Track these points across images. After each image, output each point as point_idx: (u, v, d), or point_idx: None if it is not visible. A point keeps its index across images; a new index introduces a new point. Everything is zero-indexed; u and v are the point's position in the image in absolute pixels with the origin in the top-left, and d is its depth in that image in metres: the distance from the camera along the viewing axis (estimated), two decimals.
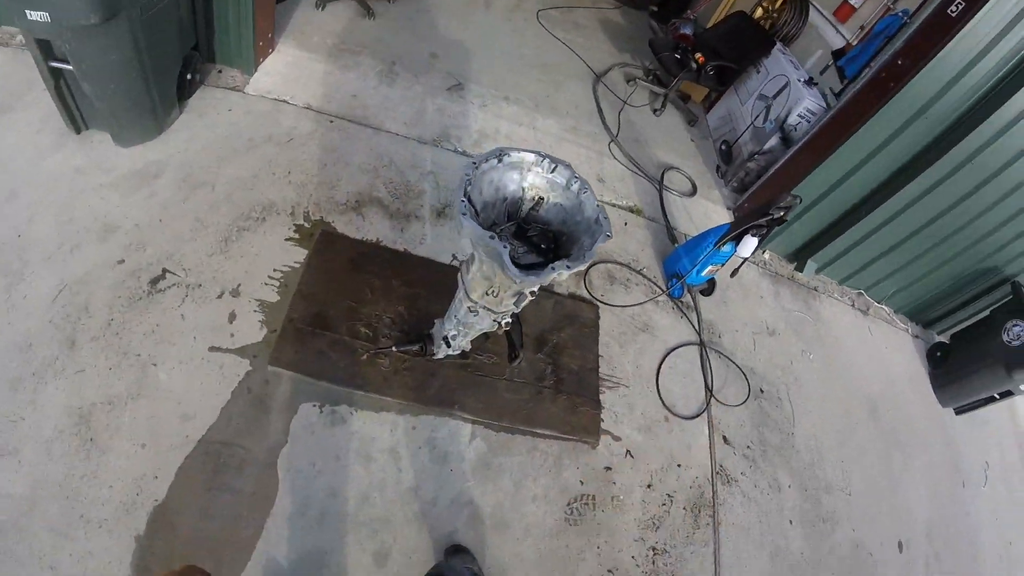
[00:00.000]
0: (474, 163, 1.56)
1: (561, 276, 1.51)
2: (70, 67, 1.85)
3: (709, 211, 3.69)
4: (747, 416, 2.86)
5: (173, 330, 2.00)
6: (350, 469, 2.00)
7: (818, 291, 3.68)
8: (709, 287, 3.15)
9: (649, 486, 2.44)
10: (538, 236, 1.72)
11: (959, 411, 3.54)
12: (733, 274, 2.98)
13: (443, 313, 2.12)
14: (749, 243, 2.69)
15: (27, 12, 1.64)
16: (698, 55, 4.02)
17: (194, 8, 2.29)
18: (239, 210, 2.37)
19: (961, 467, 3.40)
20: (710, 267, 2.92)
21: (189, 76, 2.38)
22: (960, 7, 2.51)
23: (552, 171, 1.69)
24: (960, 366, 3.49)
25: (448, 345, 2.11)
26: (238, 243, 2.28)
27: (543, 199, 1.68)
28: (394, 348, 2.17)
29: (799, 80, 3.57)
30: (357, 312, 2.30)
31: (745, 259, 2.78)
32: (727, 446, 2.72)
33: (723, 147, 4.11)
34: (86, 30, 1.73)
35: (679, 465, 2.55)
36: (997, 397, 3.32)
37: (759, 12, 4.42)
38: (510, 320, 1.98)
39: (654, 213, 3.48)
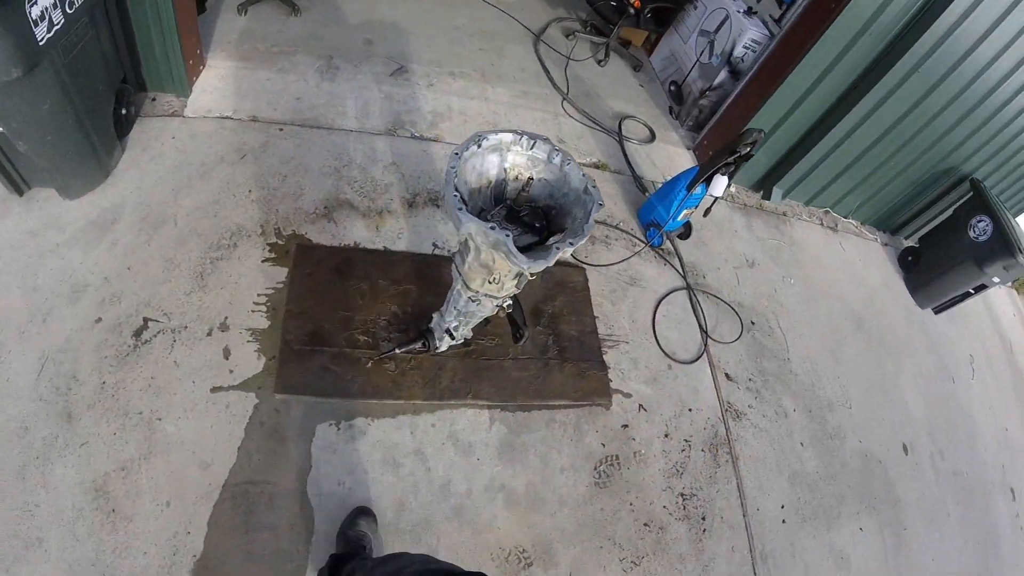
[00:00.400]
0: (456, 153, 1.52)
1: (565, 254, 1.50)
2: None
3: (671, 154, 3.71)
4: (744, 350, 2.95)
5: (170, 379, 1.92)
6: (380, 480, 1.99)
7: (787, 215, 3.78)
8: (686, 231, 3.19)
9: (666, 435, 2.51)
10: (529, 215, 1.69)
11: (938, 310, 3.73)
12: (706, 214, 3.01)
13: (437, 305, 2.10)
14: (720, 182, 2.72)
15: None
16: None
17: (115, 38, 2.11)
18: (208, 240, 2.26)
19: (948, 364, 3.60)
20: (684, 211, 2.95)
21: (124, 111, 2.21)
22: None
23: (531, 148, 1.66)
24: (932, 267, 3.65)
25: (452, 337, 2.10)
26: (214, 275, 2.18)
27: (531, 179, 1.65)
28: (397, 350, 2.14)
29: (738, 11, 3.56)
30: (351, 320, 2.25)
31: (717, 198, 2.82)
32: (731, 382, 2.81)
33: (672, 88, 4.11)
34: (9, 86, 1.58)
35: (690, 409, 2.63)
36: (972, 292, 3.49)
37: None
38: (511, 302, 1.97)
39: (619, 165, 3.47)
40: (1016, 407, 3.81)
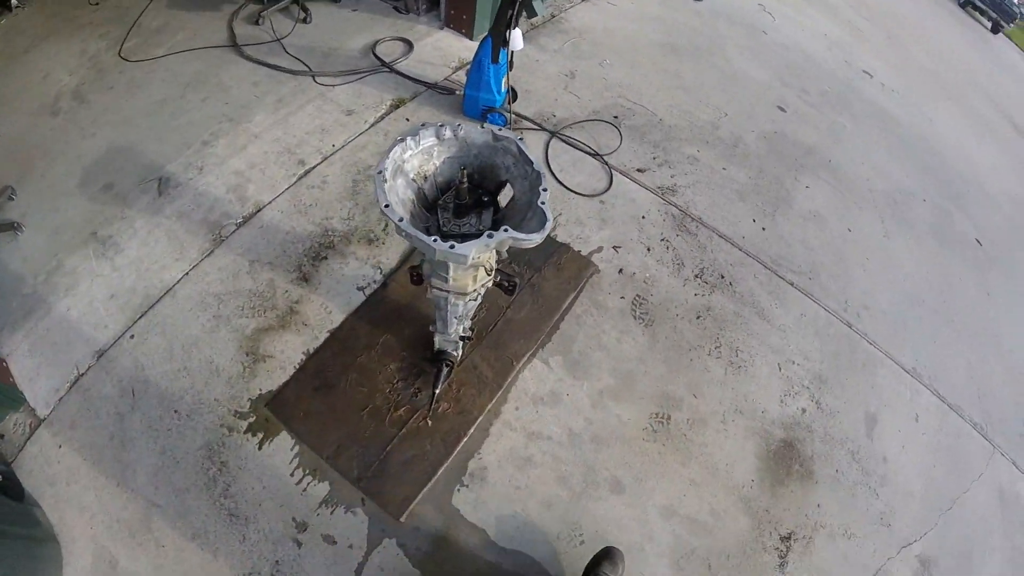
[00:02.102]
0: (387, 205, 1.35)
1: (546, 197, 1.45)
2: None
3: (436, 43, 3.55)
4: (630, 142, 3.14)
5: None
6: (533, 480, 2.02)
7: (556, 15, 3.83)
8: (513, 94, 3.17)
9: (649, 249, 2.71)
10: (471, 194, 1.62)
11: None
12: (511, 68, 3.00)
13: (416, 328, 2.10)
14: (516, 36, 2.72)
15: None
16: None
17: None
18: (197, 483, 1.91)
19: (754, 21, 4.00)
20: (503, 82, 2.92)
21: None
22: None
23: (420, 143, 1.54)
24: None
25: (466, 339, 2.08)
26: (242, 500, 1.88)
27: (464, 178, 1.55)
28: (435, 392, 2.05)
29: None
30: (377, 410, 2.10)
31: (518, 49, 2.82)
32: (646, 172, 3.01)
33: None
34: None
35: (643, 216, 2.82)
36: None
37: None
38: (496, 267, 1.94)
39: (411, 88, 3.27)
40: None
